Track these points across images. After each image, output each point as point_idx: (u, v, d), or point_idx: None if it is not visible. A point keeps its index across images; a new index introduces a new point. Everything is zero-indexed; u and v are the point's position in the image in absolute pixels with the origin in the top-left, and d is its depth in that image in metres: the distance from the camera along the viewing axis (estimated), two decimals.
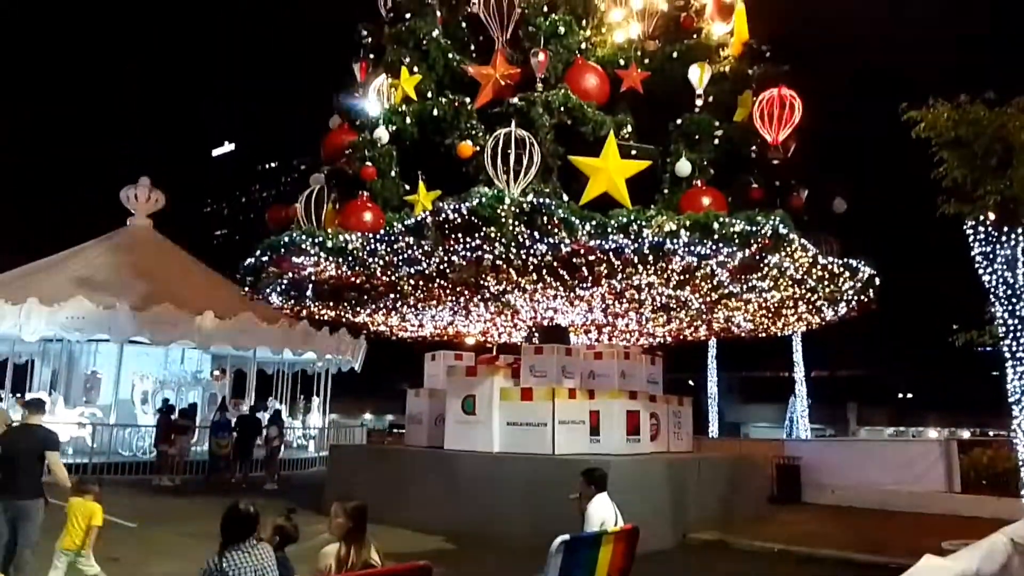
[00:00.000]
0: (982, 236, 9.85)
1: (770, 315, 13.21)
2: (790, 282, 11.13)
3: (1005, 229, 9.67)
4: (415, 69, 12.48)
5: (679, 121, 11.61)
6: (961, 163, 9.79)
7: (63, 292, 18.54)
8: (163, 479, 15.84)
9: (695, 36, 12.54)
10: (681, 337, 15.60)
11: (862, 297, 12.36)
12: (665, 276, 10.59)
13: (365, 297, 12.66)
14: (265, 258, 11.73)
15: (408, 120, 12.11)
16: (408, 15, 13.00)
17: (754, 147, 11.34)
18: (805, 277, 11.03)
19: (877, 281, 12.27)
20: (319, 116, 14.13)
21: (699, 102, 11.74)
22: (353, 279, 11.66)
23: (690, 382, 28.26)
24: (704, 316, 13.26)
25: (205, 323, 18.94)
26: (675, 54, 12.28)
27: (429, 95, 12.42)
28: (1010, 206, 9.59)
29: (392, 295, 12.39)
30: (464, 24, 13.35)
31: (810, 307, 12.73)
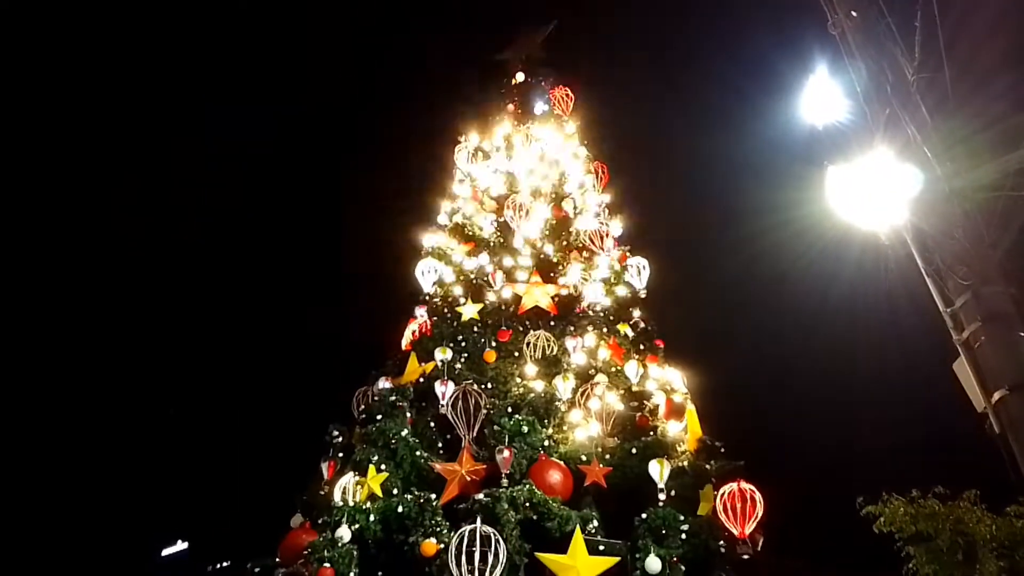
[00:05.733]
0: None
1: None
2: None
3: None
4: (383, 467, 12.73)
5: (644, 515, 11.63)
6: (930, 558, 9.73)
7: None
8: None
9: (652, 434, 13.22)
10: None
11: None
12: None
13: None
14: None
15: (372, 518, 11.95)
16: (379, 417, 13.68)
17: (722, 541, 11.23)
18: None
19: None
20: (281, 514, 13.91)
21: (662, 496, 11.94)
22: None
23: None
24: None
25: None
26: (634, 450, 12.81)
27: (395, 492, 12.48)
28: None
29: None
30: (432, 424, 14.01)
31: None
